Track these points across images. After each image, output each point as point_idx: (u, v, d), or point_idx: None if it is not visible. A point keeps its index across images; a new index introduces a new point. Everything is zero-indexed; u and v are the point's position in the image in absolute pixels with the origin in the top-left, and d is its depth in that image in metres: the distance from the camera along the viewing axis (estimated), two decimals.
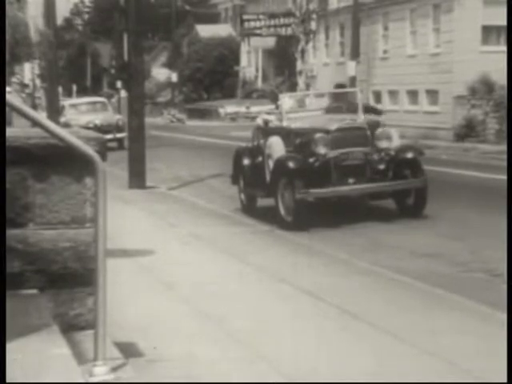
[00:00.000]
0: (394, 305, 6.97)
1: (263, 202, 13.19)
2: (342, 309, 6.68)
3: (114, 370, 4.55)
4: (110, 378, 4.45)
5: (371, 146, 12.38)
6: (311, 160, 12.10)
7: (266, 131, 13.37)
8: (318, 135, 12.18)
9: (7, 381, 3.74)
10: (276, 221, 11.96)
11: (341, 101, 14.47)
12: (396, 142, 12.63)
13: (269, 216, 12.33)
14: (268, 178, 12.63)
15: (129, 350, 5.19)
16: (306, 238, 10.69)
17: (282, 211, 11.98)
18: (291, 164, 11.95)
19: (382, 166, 12.37)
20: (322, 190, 12.01)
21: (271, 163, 12.50)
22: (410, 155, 12.49)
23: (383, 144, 12.42)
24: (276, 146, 12.54)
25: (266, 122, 13.60)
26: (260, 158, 13.08)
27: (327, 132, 12.25)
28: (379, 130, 12.64)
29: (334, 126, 12.32)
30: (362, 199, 12.71)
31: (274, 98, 15.86)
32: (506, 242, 10.31)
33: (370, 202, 13.00)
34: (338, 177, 12.12)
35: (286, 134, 12.75)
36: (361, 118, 13.37)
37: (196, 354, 5.43)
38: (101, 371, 4.44)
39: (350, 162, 12.22)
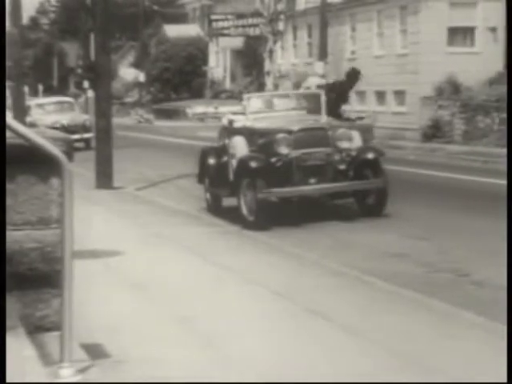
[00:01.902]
0: (363, 306, 6.99)
1: (229, 201, 13.18)
2: (311, 309, 6.69)
3: (81, 371, 4.52)
4: (76, 379, 4.42)
5: (333, 146, 12.49)
6: (273, 160, 12.19)
7: (230, 131, 13.45)
8: (280, 135, 12.28)
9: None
10: (239, 220, 11.99)
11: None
12: (357, 143, 12.78)
13: (234, 215, 12.33)
14: (231, 177, 12.70)
15: (95, 352, 5.17)
16: (273, 238, 10.69)
17: (245, 211, 12.06)
18: (253, 164, 12.04)
19: (343, 166, 12.52)
20: (284, 190, 12.11)
21: (235, 163, 12.58)
22: (370, 155, 12.66)
23: (344, 144, 12.57)
24: (239, 146, 12.65)
25: (231, 122, 13.67)
26: (225, 158, 13.16)
27: (290, 132, 12.33)
28: (340, 131, 12.81)
29: (296, 127, 12.42)
30: (324, 199, 12.82)
31: (242, 99, 15.91)
32: (472, 241, 10.42)
33: (332, 202, 13.10)
34: (300, 177, 12.23)
35: (250, 134, 12.85)
36: (324, 119, 13.50)
37: (162, 354, 5.41)
38: (67, 373, 4.41)
39: (312, 162, 12.35)
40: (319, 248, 10.15)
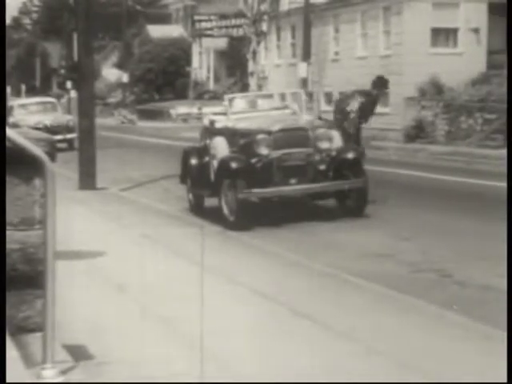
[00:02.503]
0: (347, 306, 7.00)
1: (211, 201, 13.19)
2: (294, 310, 6.69)
3: (63, 372, 4.51)
4: (58, 380, 4.40)
5: (313, 146, 12.52)
6: (254, 160, 12.23)
7: (212, 131, 13.50)
8: (260, 136, 12.34)
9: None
10: (220, 220, 12.02)
11: None
12: (338, 143, 12.79)
13: (216, 216, 12.36)
14: (213, 177, 12.74)
15: (78, 353, 5.15)
16: (256, 238, 10.68)
17: (226, 211, 12.10)
18: (234, 164, 12.11)
19: (323, 167, 12.54)
20: (264, 190, 12.16)
21: (215, 163, 12.63)
22: (350, 156, 12.68)
23: (324, 145, 12.60)
24: (220, 147, 12.70)
25: (212, 123, 13.72)
26: (206, 158, 13.20)
27: (270, 133, 12.37)
28: (320, 131, 12.85)
29: (276, 127, 12.46)
30: (305, 199, 12.85)
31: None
32: (455, 242, 10.46)
33: (313, 202, 13.14)
34: (281, 177, 12.28)
35: (231, 135, 12.90)
36: (303, 119, 13.54)
37: (146, 355, 5.39)
38: (49, 374, 4.40)
39: (292, 163, 12.38)
40: (302, 248, 10.14)
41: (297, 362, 5.35)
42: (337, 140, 12.85)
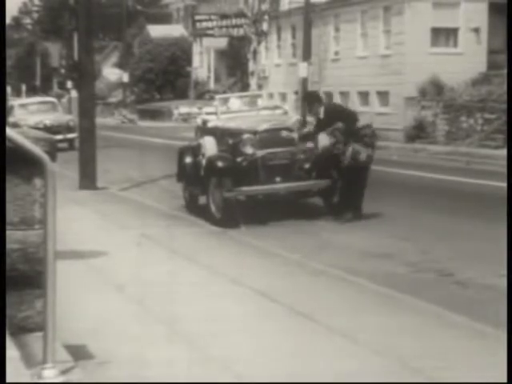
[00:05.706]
0: (347, 305, 7.00)
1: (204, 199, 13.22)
2: (295, 309, 6.70)
3: (64, 372, 4.51)
4: (59, 380, 4.41)
5: (298, 145, 12.61)
6: (239, 159, 12.39)
7: (204, 131, 13.72)
8: (245, 136, 12.56)
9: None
10: (209, 217, 12.14)
11: None
12: (323, 142, 12.83)
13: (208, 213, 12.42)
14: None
15: (79, 353, 5.15)
16: (251, 237, 10.67)
17: (213, 208, 12.30)
18: (219, 163, 12.32)
19: (307, 166, 12.65)
20: (250, 188, 12.33)
21: (204, 162, 12.77)
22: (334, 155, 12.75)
23: (309, 144, 12.72)
24: (208, 146, 12.89)
25: (205, 122, 13.91)
26: (199, 157, 13.34)
27: (255, 132, 12.54)
28: (305, 130, 13.01)
29: (262, 127, 12.60)
30: (292, 197, 12.90)
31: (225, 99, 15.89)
32: (453, 242, 10.47)
33: (304, 200, 13.21)
34: (266, 176, 12.44)
35: (221, 134, 13.10)
36: (292, 119, 13.69)
37: (147, 355, 5.40)
38: (50, 374, 4.40)
39: (277, 162, 12.55)
40: (297, 247, 10.13)
41: (298, 362, 5.35)
42: (322, 139, 12.92)
